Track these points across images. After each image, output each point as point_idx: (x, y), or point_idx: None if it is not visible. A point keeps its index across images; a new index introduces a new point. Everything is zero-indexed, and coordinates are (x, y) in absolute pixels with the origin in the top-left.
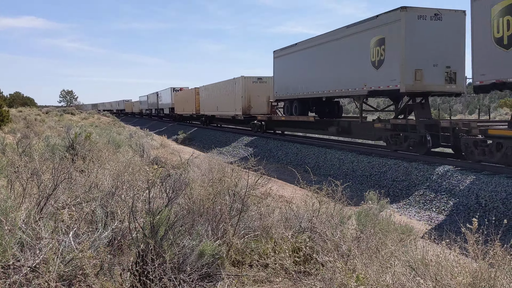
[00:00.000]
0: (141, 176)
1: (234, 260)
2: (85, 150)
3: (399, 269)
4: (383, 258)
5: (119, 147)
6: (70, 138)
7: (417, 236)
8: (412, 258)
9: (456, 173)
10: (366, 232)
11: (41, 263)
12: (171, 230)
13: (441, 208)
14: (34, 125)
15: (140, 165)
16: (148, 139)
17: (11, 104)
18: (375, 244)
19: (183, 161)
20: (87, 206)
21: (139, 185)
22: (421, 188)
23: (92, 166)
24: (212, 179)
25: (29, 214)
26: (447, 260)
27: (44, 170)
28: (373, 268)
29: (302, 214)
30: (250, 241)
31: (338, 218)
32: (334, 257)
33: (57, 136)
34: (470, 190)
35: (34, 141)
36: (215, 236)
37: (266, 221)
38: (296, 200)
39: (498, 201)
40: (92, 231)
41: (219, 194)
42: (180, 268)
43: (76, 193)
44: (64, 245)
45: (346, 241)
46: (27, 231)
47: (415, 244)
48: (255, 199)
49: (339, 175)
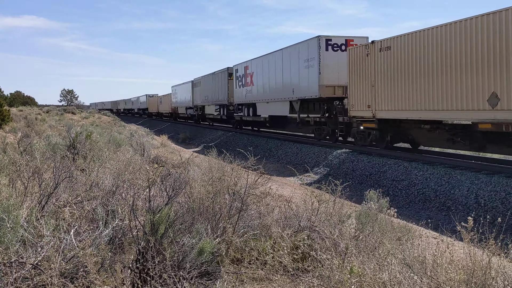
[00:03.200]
0: (141, 175)
1: (233, 258)
2: (86, 149)
3: (395, 267)
4: (380, 256)
5: (119, 146)
6: (71, 137)
7: (415, 234)
8: (408, 256)
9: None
10: (365, 230)
11: (43, 260)
12: (171, 228)
13: (439, 207)
14: (35, 124)
15: (141, 164)
16: (149, 138)
17: (12, 103)
18: (373, 243)
19: (183, 160)
20: (88, 205)
21: (139, 184)
22: (420, 187)
23: (93, 165)
24: (212, 178)
25: (31, 212)
26: (443, 258)
27: (45, 169)
28: (370, 266)
29: (301, 213)
30: (250, 239)
31: (337, 217)
32: (332, 255)
33: (57, 135)
34: (469, 190)
35: (35, 140)
36: (214, 234)
37: (266, 219)
38: (296, 199)
39: (497, 200)
40: (93, 229)
41: (218, 193)
42: (180, 266)
43: (77, 192)
44: (66, 243)
45: (343, 239)
46: (29, 229)
47: (413, 243)
48: (255, 198)
49: (339, 174)
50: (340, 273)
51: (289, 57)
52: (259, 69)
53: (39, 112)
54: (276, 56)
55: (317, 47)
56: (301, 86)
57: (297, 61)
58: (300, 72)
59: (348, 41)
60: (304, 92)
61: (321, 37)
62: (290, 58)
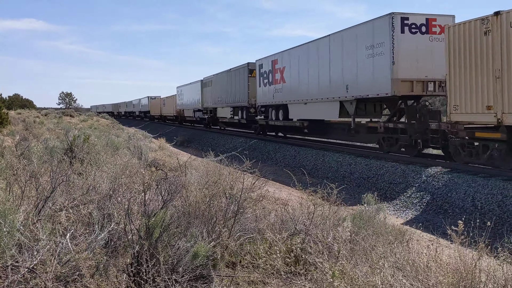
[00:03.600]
0: (138, 178)
1: (228, 262)
2: (83, 153)
3: (387, 270)
4: (372, 259)
5: (117, 149)
6: (68, 140)
7: (410, 237)
8: (400, 259)
9: (445, 174)
10: (360, 234)
11: (38, 264)
12: (166, 232)
13: (437, 210)
14: (33, 127)
15: (138, 168)
16: (147, 142)
17: (10, 106)
18: (364, 246)
19: (180, 164)
20: (84, 208)
21: (136, 188)
22: (417, 191)
23: (90, 169)
24: (208, 182)
25: (27, 216)
26: (434, 261)
27: (42, 172)
28: (362, 269)
29: (297, 217)
30: (246, 243)
31: (332, 220)
32: (324, 258)
33: (56, 138)
34: (466, 193)
35: (33, 144)
36: (210, 238)
37: (262, 223)
38: (293, 203)
39: (494, 203)
40: (89, 233)
41: (215, 196)
42: (175, 269)
43: (74, 196)
44: (61, 246)
45: (336, 242)
46: (25, 233)
47: (408, 246)
48: (251, 201)
49: (337, 177)
50: (331, 276)
51: (341, 44)
52: (294, 63)
53: (38, 115)
54: (320, 45)
55: (388, 28)
56: (360, 82)
57: (354, 49)
58: (359, 63)
59: (430, 20)
60: (365, 90)
61: (395, 15)
62: (343, 46)
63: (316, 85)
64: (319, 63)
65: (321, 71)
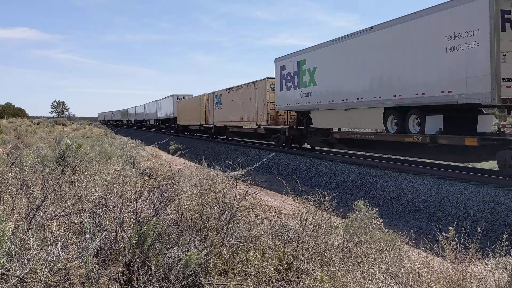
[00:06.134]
0: (130, 187)
1: (221, 269)
2: (75, 161)
3: (380, 277)
4: (364, 266)
5: (110, 158)
6: (60, 149)
7: (401, 245)
8: (391, 266)
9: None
10: (352, 241)
11: (29, 273)
12: (158, 240)
13: (429, 218)
14: (25, 136)
15: (130, 176)
16: (139, 150)
17: (2, 115)
18: (356, 253)
19: (173, 172)
20: (76, 217)
21: (128, 196)
22: (409, 199)
23: (82, 177)
24: (201, 190)
25: (18, 225)
26: (427, 268)
27: (33, 181)
28: (354, 276)
29: (290, 224)
30: (239, 251)
31: (324, 228)
32: (316, 265)
33: (48, 147)
34: (458, 200)
35: (25, 152)
36: (202, 246)
37: (255, 231)
38: (285, 210)
39: (486, 211)
40: (81, 241)
41: (207, 204)
42: (166, 277)
43: (65, 204)
44: (52, 255)
45: (329, 250)
46: (15, 242)
47: (400, 253)
48: (244, 209)
49: (330, 185)
50: (321, 283)
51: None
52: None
53: (30, 123)
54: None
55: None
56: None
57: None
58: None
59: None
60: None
61: None
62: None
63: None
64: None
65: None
